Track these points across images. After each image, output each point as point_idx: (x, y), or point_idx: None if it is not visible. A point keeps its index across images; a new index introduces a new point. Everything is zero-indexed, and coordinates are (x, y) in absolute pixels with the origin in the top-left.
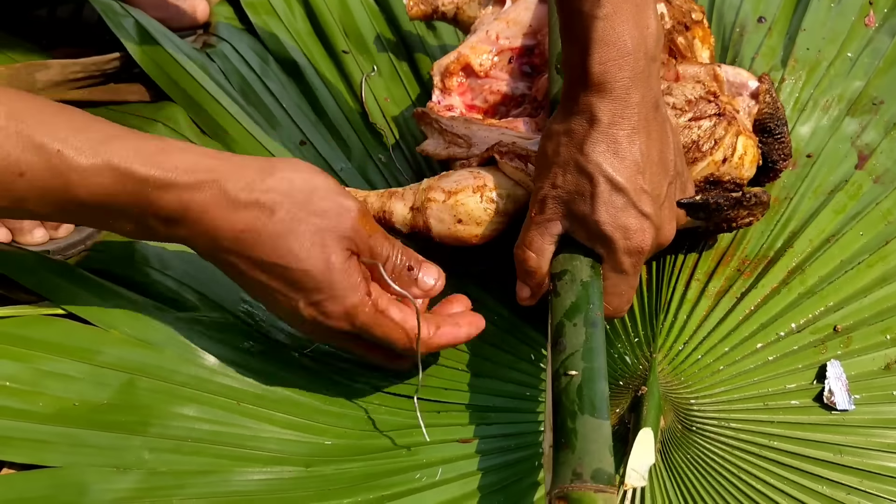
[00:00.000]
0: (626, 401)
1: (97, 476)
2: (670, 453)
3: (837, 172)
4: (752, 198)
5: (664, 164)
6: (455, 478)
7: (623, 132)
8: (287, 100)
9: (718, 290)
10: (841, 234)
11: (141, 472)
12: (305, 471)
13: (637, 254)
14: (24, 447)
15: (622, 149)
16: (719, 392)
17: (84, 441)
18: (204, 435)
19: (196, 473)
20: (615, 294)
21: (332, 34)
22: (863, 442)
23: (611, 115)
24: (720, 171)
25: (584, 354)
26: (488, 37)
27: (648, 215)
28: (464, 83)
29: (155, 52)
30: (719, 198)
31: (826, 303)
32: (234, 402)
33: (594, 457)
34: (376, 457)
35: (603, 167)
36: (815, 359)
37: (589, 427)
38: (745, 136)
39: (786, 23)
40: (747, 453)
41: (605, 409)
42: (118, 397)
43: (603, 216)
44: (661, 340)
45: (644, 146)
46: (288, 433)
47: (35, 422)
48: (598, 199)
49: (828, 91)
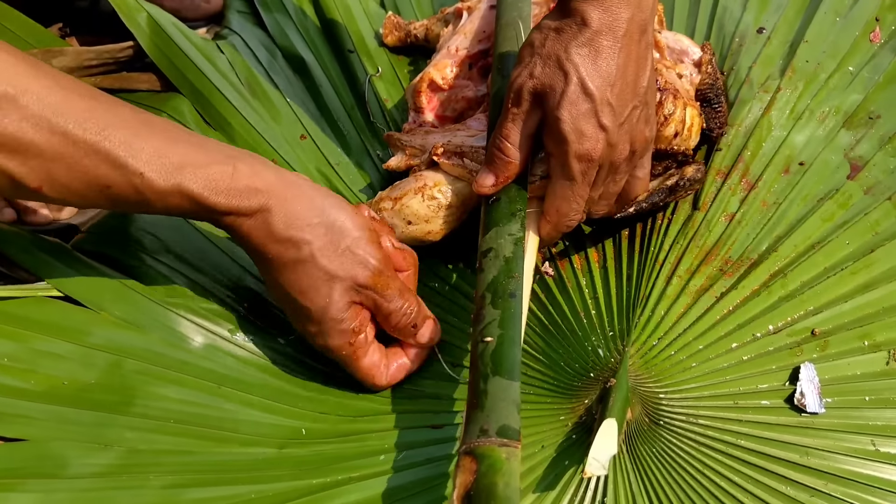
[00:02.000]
0: (594, 392)
1: (78, 451)
2: (636, 446)
3: (829, 182)
4: (686, 182)
5: (636, 86)
6: (422, 461)
7: (607, 43)
8: (291, 95)
9: (699, 287)
10: (827, 242)
11: (121, 450)
12: (279, 452)
13: (586, 160)
14: (13, 422)
15: (601, 58)
16: (690, 388)
17: (69, 418)
18: (185, 416)
19: (175, 453)
20: (561, 198)
21: (340, 33)
22: (830, 445)
23: (600, 23)
24: (674, 145)
25: (500, 323)
26: (449, 51)
27: (606, 127)
28: (432, 98)
29: (165, 45)
30: (653, 197)
31: (806, 307)
32: (215, 386)
33: (501, 414)
34: (348, 440)
35: (580, 69)
36: (789, 361)
37: (498, 387)
38: (691, 107)
39: (787, 33)
40: (714, 450)
41: (515, 371)
42: (104, 378)
43: (565, 114)
44: (635, 334)
45: (622, 62)
46: (266, 416)
47: (26, 399)
48: (566, 97)
49: (825, 103)
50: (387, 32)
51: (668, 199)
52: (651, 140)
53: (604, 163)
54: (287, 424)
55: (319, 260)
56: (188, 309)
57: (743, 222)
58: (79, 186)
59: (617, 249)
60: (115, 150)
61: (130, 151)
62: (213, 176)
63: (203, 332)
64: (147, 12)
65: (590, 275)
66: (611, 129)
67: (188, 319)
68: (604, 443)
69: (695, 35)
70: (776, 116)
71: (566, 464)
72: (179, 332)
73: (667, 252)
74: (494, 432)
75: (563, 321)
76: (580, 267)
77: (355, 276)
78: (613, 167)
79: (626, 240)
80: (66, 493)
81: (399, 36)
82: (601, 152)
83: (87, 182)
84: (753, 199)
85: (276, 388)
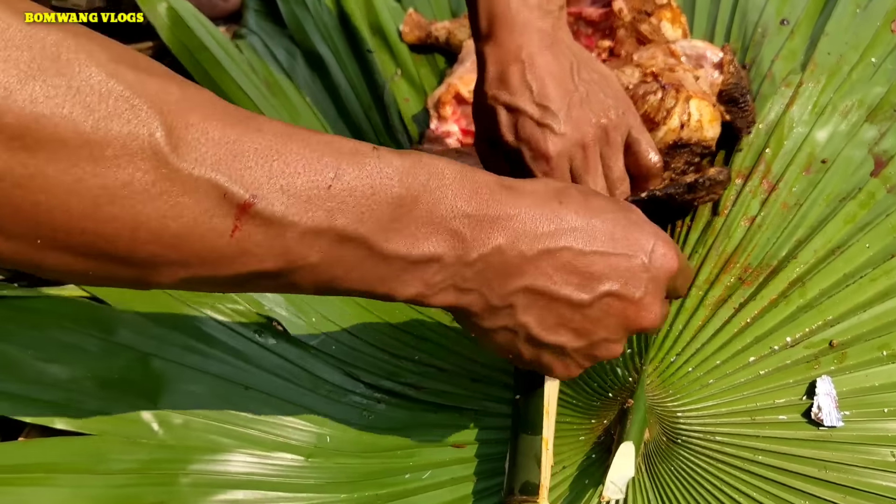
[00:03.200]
0: (613, 412)
1: (111, 446)
2: (654, 465)
3: (851, 180)
4: (707, 181)
5: (562, 83)
6: (447, 481)
7: (511, 69)
8: (311, 95)
9: (717, 299)
10: (847, 246)
11: (151, 445)
12: (306, 461)
13: (545, 161)
14: (38, 408)
15: (512, 83)
16: (707, 406)
17: (96, 408)
18: (212, 415)
19: (203, 450)
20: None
21: (360, 32)
22: (849, 458)
23: (496, 55)
24: (682, 137)
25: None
26: (474, 65)
27: (548, 124)
28: (457, 111)
29: (186, 38)
30: (669, 188)
31: (824, 317)
32: (241, 388)
33: (525, 470)
34: (374, 455)
35: (498, 98)
36: (807, 374)
37: (524, 444)
38: (698, 98)
39: (809, 26)
40: (732, 467)
41: (537, 425)
42: (128, 373)
43: (508, 137)
44: (653, 351)
45: (533, 77)
46: (291, 420)
47: (50, 386)
48: (501, 124)
49: (848, 96)
50: (407, 30)
51: (687, 197)
52: (622, 113)
53: (569, 154)
54: (312, 430)
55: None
56: (214, 309)
57: (763, 226)
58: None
59: None
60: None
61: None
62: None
63: (229, 333)
64: (168, 2)
65: None
66: (553, 123)
67: (215, 320)
68: (621, 466)
69: (717, 24)
70: (798, 112)
71: (586, 483)
72: (206, 332)
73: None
74: (518, 490)
75: None
76: None
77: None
78: (587, 151)
79: None
80: (96, 488)
81: (419, 35)
82: (552, 146)
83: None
84: (774, 200)
85: (300, 392)
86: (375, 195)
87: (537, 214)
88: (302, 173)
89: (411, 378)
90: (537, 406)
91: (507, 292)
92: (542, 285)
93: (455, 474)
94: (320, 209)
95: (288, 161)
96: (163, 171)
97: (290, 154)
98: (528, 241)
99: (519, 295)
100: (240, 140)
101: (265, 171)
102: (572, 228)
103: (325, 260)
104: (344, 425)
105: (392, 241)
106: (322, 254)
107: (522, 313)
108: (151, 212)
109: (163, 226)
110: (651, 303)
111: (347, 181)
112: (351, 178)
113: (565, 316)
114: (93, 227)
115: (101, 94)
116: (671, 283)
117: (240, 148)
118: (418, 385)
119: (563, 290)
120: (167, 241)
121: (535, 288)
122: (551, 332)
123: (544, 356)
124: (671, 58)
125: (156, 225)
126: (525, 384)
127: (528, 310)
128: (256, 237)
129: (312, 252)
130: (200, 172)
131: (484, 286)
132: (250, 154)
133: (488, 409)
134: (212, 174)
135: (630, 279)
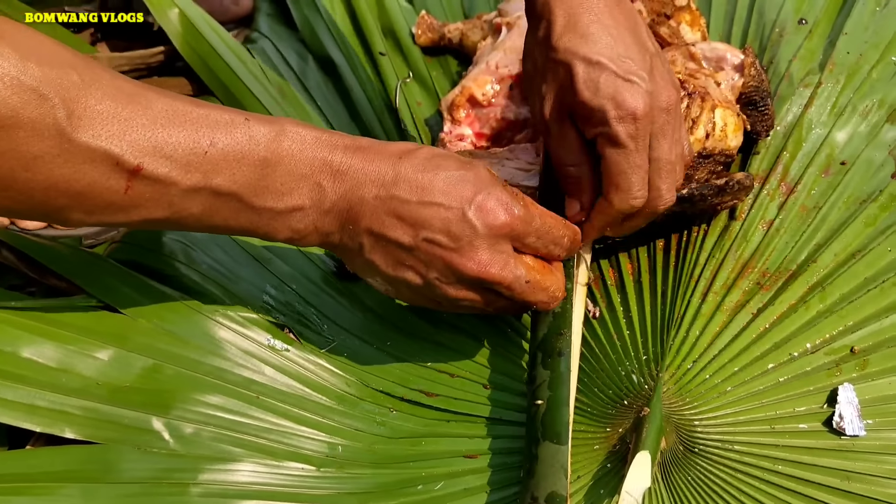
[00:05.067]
0: (628, 420)
1: (120, 455)
2: (671, 475)
3: (872, 182)
4: (735, 185)
5: (640, 40)
6: (460, 492)
7: (585, 18)
8: (322, 98)
9: (735, 304)
10: (868, 250)
11: (161, 454)
12: (318, 471)
13: (631, 119)
14: (47, 416)
15: (589, 32)
16: (725, 414)
17: (106, 417)
18: (224, 423)
19: (214, 459)
20: (617, 173)
21: (371, 35)
22: (873, 469)
23: (567, 8)
24: (707, 147)
25: (550, 384)
26: (489, 68)
27: (634, 80)
28: (470, 114)
29: (197, 43)
30: (703, 188)
31: (845, 322)
32: (253, 395)
33: (549, 480)
34: (386, 465)
35: (574, 51)
36: (828, 381)
37: (548, 453)
38: (723, 108)
39: (828, 25)
40: (751, 477)
41: (563, 435)
42: (141, 381)
43: (586, 94)
44: (669, 358)
45: (611, 26)
46: (302, 429)
47: (60, 394)
48: (578, 81)
49: (868, 96)
50: (420, 32)
51: (715, 200)
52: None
53: (653, 117)
54: (323, 440)
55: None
56: (226, 317)
57: (781, 230)
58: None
59: (652, 262)
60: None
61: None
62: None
63: (241, 340)
64: (179, 7)
65: (623, 292)
66: (639, 79)
67: (226, 327)
68: (637, 476)
69: (734, 24)
70: (816, 113)
71: (601, 493)
72: (218, 339)
73: (702, 266)
74: (543, 500)
75: (597, 343)
76: (614, 282)
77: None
78: (669, 116)
79: (661, 251)
80: (105, 498)
81: (432, 38)
82: (643, 104)
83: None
84: (793, 204)
85: (312, 400)
86: (245, 158)
87: (379, 167)
88: (182, 142)
89: (423, 384)
90: (562, 415)
91: (355, 233)
92: (377, 228)
93: (468, 485)
94: (198, 171)
95: (171, 132)
96: (66, 146)
97: (172, 127)
98: (368, 189)
99: (363, 235)
100: (130, 117)
101: (151, 142)
102: (406, 180)
103: (206, 211)
104: (356, 434)
105: (261, 196)
106: (203, 206)
107: (370, 252)
108: (59, 176)
109: (69, 186)
110: (472, 251)
111: (220, 147)
112: (223, 144)
113: (398, 256)
114: (15, 186)
115: (12, 87)
116: (516, 240)
117: (130, 123)
118: (430, 392)
119: (392, 232)
120: (73, 196)
121: (372, 230)
122: (393, 269)
123: (402, 291)
124: (691, 61)
125: (64, 186)
126: (549, 381)
127: (373, 250)
128: (146, 194)
129: (194, 205)
130: (97, 144)
131: (340, 229)
132: (138, 128)
133: (501, 417)
134: (106, 145)
135: (450, 228)
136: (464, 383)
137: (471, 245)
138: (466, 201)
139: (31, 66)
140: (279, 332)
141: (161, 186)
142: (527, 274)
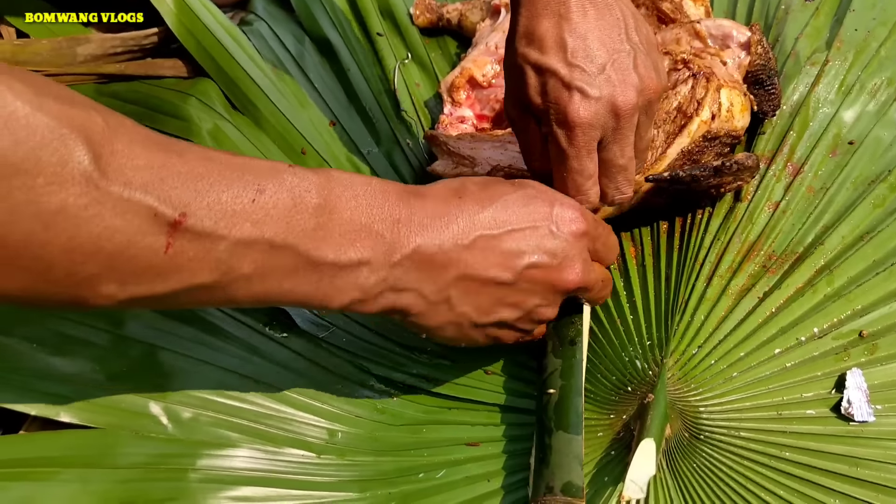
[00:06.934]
0: (632, 407)
1: (118, 439)
2: (676, 462)
3: (880, 161)
4: (734, 165)
5: (607, 40)
6: (461, 480)
7: (546, 22)
8: (319, 80)
9: (741, 287)
10: (876, 232)
11: (159, 440)
12: (318, 458)
13: (570, 128)
14: (42, 400)
15: (546, 37)
16: (731, 400)
17: (103, 401)
18: (222, 408)
19: (212, 445)
20: (565, 173)
21: (368, 16)
22: (881, 455)
23: (531, 8)
24: (713, 128)
25: (562, 373)
26: (488, 48)
27: (579, 89)
28: (471, 95)
29: (191, 23)
30: (693, 170)
31: (853, 306)
32: (251, 381)
33: (565, 470)
34: (386, 453)
35: (526, 56)
36: (836, 366)
37: (562, 442)
38: (728, 88)
39: (835, 2)
40: (757, 464)
41: (578, 424)
42: (138, 365)
43: (535, 98)
44: (674, 343)
45: (572, 29)
46: (302, 415)
47: (53, 380)
48: (529, 85)
49: (876, 74)
50: (418, 13)
51: (713, 181)
52: (662, 86)
53: (600, 123)
54: (323, 426)
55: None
56: None
57: (788, 211)
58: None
59: (655, 245)
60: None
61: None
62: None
63: (238, 325)
64: None
65: (626, 276)
66: (586, 86)
67: (224, 311)
68: (642, 464)
69: (738, 1)
70: (823, 92)
71: (605, 480)
72: (215, 324)
73: (707, 249)
74: (559, 490)
75: (600, 329)
76: (617, 266)
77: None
78: (621, 122)
79: (665, 234)
80: (103, 483)
81: (431, 18)
82: (584, 115)
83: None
84: (799, 185)
85: (311, 385)
86: (297, 205)
87: (443, 211)
88: (226, 191)
89: (424, 370)
90: (576, 404)
91: (440, 286)
92: (470, 273)
93: (469, 473)
94: (247, 221)
95: (212, 181)
96: (94, 196)
97: (212, 175)
98: (441, 235)
99: (452, 287)
100: (165, 164)
101: (191, 191)
102: (479, 217)
103: (258, 270)
104: (356, 421)
105: (320, 248)
106: (255, 264)
107: (459, 303)
108: (85, 235)
109: (98, 247)
110: (570, 263)
111: (269, 195)
112: (272, 191)
113: (497, 295)
114: (29, 253)
115: (28, 127)
116: (590, 245)
117: (165, 171)
118: (431, 377)
119: (488, 273)
120: (103, 261)
121: (465, 276)
122: (490, 314)
123: (492, 333)
124: (696, 39)
125: (92, 247)
126: (561, 374)
127: (463, 299)
128: (189, 252)
129: (245, 263)
130: (130, 195)
131: (418, 284)
132: (175, 176)
133: (504, 404)
134: (141, 196)
135: (544, 247)
136: (464, 369)
137: (567, 258)
138: (547, 217)
139: (48, 101)
140: (278, 318)
141: (207, 241)
142: (600, 272)
